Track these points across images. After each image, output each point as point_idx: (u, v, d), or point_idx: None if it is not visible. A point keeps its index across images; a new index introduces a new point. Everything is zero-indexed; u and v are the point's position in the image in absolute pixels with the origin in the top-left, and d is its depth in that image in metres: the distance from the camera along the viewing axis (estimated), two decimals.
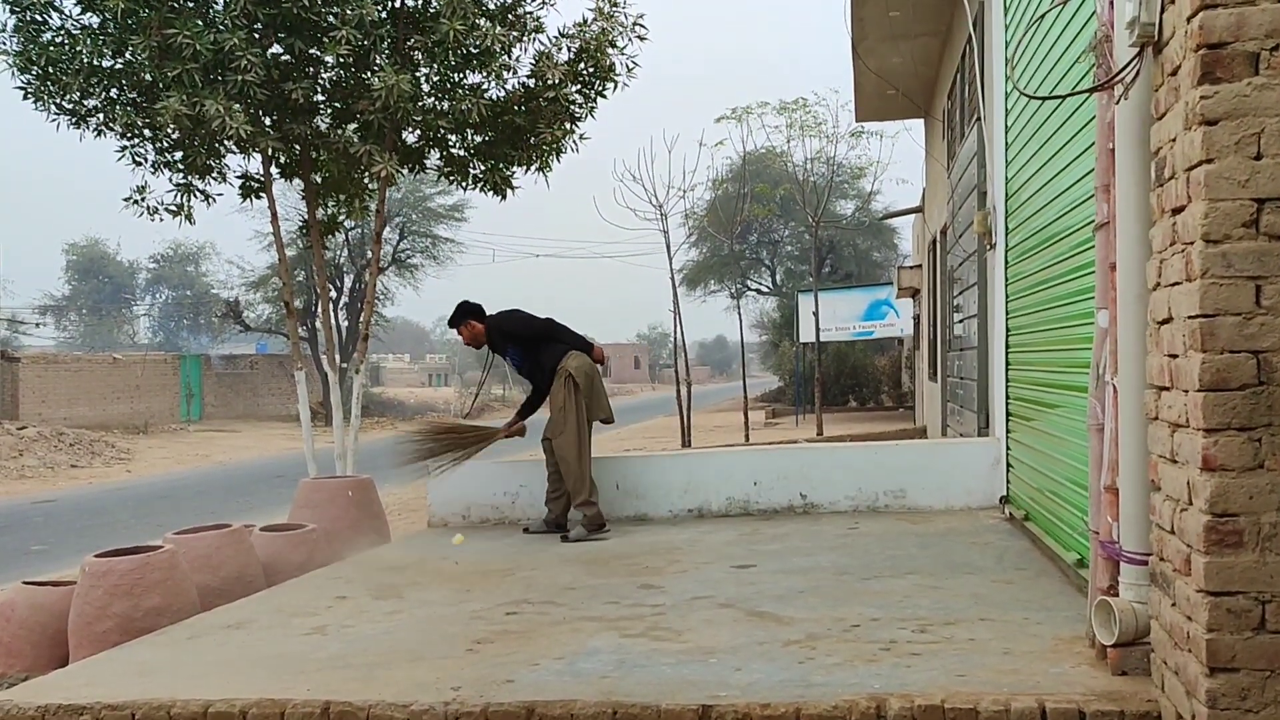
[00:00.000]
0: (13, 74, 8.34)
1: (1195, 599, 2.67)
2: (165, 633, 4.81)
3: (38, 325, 43.36)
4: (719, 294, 39.38)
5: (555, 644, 4.17)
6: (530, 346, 7.20)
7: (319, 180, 9.51)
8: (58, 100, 8.51)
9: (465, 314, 7.35)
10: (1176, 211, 2.80)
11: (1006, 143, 6.72)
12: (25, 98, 8.49)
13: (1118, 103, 3.23)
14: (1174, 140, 2.81)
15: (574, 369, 7.03)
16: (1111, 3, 3.25)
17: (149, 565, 5.12)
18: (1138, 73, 3.09)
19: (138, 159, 8.86)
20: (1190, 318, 2.67)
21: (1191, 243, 2.67)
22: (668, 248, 17.97)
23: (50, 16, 8.36)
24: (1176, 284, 2.78)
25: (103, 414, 29.00)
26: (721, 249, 32.01)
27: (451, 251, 38.97)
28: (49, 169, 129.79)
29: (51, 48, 8.25)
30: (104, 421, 28.18)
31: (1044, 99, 4.96)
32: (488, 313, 7.43)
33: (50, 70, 8.31)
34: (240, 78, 7.85)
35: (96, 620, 4.95)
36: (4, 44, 8.27)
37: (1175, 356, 2.80)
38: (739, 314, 22.88)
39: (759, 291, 40.82)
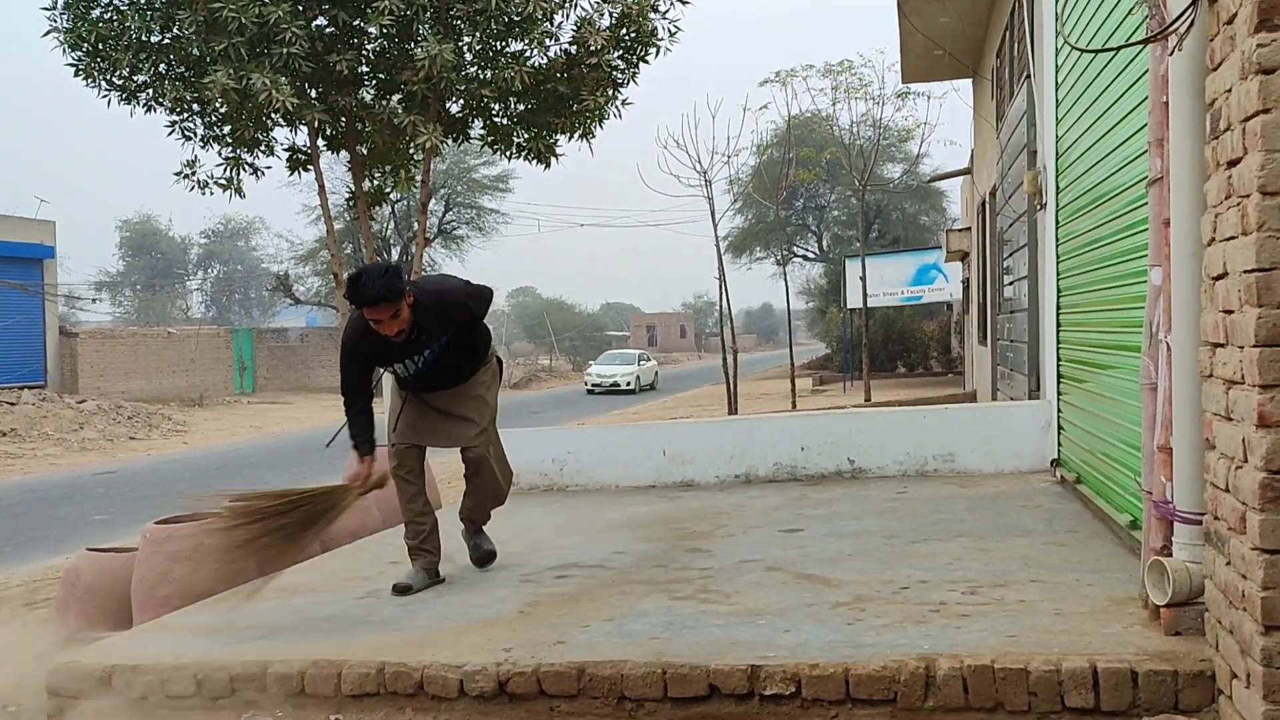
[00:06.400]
0: (64, 51, 8.47)
1: (1250, 557, 2.63)
2: (224, 596, 4.92)
3: (94, 301, 44.05)
4: (765, 261, 39.15)
5: (604, 606, 4.21)
6: (470, 327, 4.88)
7: (365, 152, 9.59)
8: (107, 76, 8.65)
9: (399, 281, 4.52)
10: (1232, 164, 2.74)
11: (1057, 100, 6.59)
12: (76, 75, 8.63)
13: (1171, 54, 3.16)
14: (1229, 91, 2.75)
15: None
16: None
17: (208, 531, 5.22)
18: (1192, 22, 3.01)
19: (187, 133, 9.00)
20: (1246, 272, 2.62)
21: (1248, 195, 2.61)
22: (712, 215, 17.87)
23: None
24: (1232, 238, 2.73)
25: (159, 387, 29.55)
26: (767, 215, 31.78)
27: (496, 222, 39.18)
28: (101, 147, 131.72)
29: (101, 24, 8.38)
30: (160, 394, 28.71)
31: (1095, 52, 4.85)
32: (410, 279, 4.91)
33: (100, 47, 8.44)
34: (285, 50, 7.92)
35: (158, 585, 5.06)
36: (55, 21, 8.39)
37: (1230, 312, 2.75)
38: (785, 281, 22.76)
39: (805, 258, 40.52)
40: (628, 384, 34.20)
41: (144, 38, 8.38)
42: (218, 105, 8.49)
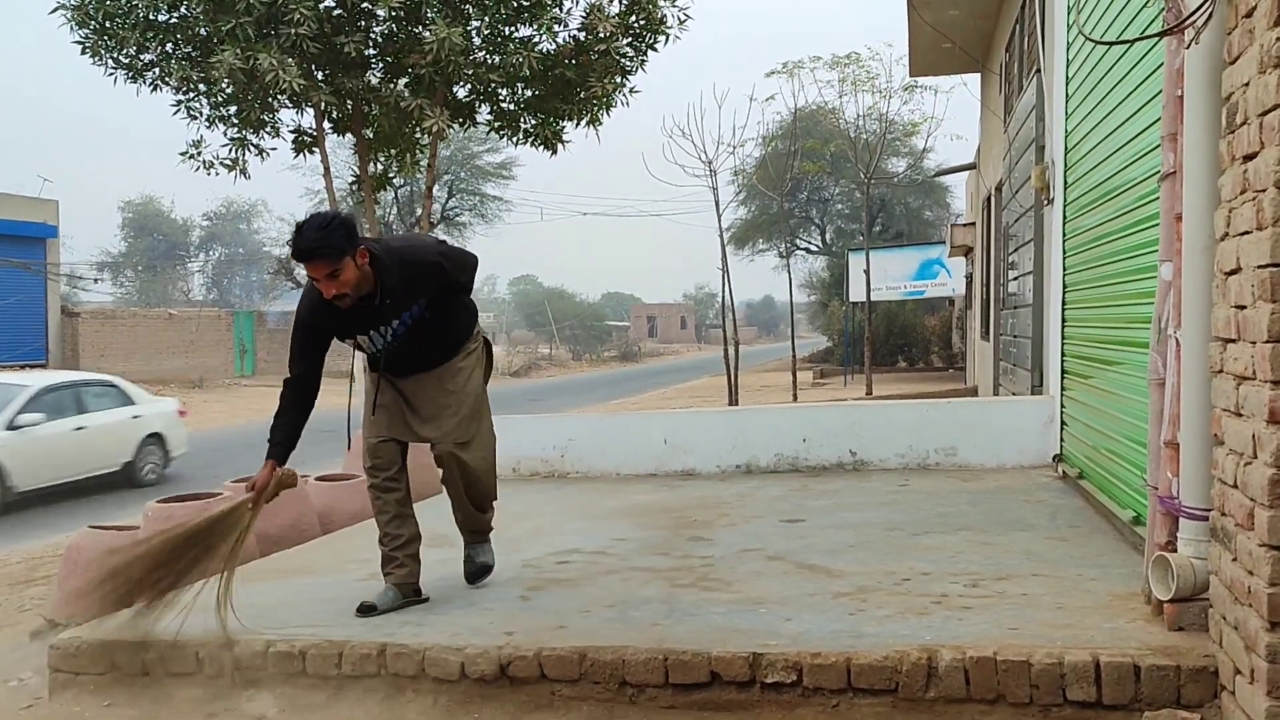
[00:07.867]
0: (71, 29, 8.43)
1: (1258, 553, 2.62)
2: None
3: (95, 281, 44.03)
4: (767, 253, 39.07)
5: (606, 592, 4.21)
6: (450, 298, 4.22)
7: (370, 135, 9.55)
8: (114, 55, 8.60)
9: (341, 235, 3.80)
10: (1248, 158, 2.72)
11: (1067, 94, 6.56)
12: (83, 52, 8.58)
13: (1188, 47, 3.14)
14: (1247, 84, 2.73)
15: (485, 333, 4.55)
16: None
17: (209, 511, 5.21)
18: (1210, 15, 3.00)
19: (193, 113, 8.95)
20: (1260, 267, 2.61)
21: (1263, 190, 2.60)
22: (716, 206, 17.80)
23: None
24: (1246, 233, 2.72)
25: (159, 369, 29.51)
26: (771, 207, 31.72)
27: (499, 210, 39.10)
28: (106, 126, 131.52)
29: (108, 2, 8.32)
30: (161, 376, 28.67)
31: (1110, 44, 4.84)
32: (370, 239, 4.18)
33: (107, 25, 8.39)
34: (293, 31, 7.87)
35: None
36: None
37: (1243, 308, 2.74)
38: (788, 273, 22.67)
39: (808, 250, 40.44)
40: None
41: (151, 16, 8.33)
42: (224, 85, 8.44)
